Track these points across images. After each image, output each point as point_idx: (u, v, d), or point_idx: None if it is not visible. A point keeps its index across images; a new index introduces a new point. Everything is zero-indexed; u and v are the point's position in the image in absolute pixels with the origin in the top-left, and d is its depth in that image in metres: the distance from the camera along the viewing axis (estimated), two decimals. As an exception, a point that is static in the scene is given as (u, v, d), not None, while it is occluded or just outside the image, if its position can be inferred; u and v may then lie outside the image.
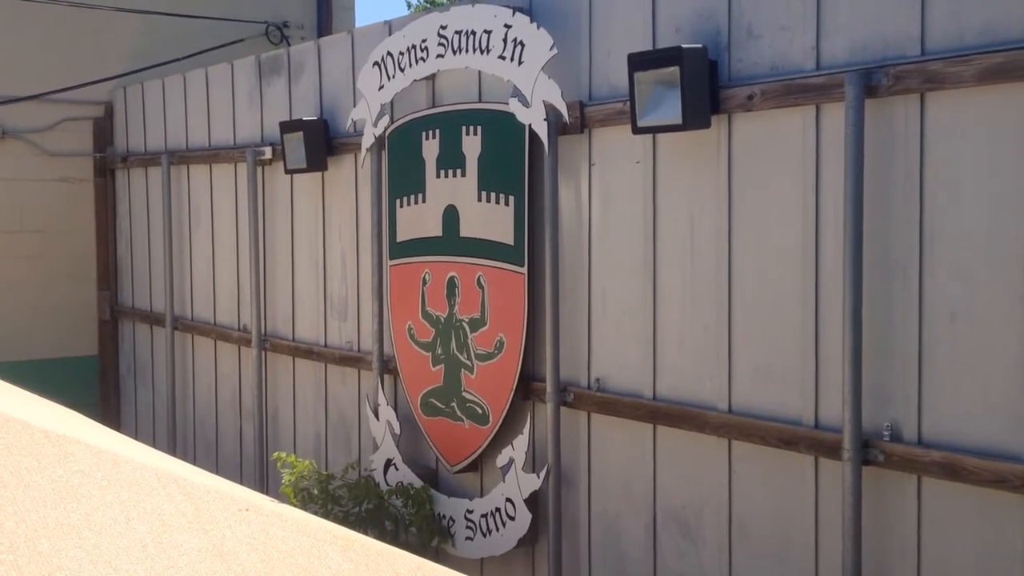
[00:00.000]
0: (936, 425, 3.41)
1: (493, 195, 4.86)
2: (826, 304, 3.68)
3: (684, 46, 3.93)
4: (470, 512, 5.04)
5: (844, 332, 3.55)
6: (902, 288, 3.48)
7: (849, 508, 3.54)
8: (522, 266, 4.73)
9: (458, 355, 5.06)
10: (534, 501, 4.73)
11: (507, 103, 4.69)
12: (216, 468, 6.88)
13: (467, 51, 4.91)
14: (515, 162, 4.73)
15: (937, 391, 3.40)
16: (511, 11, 4.68)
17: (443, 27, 5.04)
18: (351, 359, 5.93)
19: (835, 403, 3.63)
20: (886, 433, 3.52)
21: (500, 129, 4.81)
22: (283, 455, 5.33)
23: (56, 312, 8.53)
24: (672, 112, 3.94)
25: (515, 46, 4.64)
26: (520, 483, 4.74)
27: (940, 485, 3.38)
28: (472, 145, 4.96)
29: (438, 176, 5.15)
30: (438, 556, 5.11)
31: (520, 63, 4.62)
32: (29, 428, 2.24)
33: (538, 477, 4.67)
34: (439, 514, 5.19)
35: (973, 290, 3.31)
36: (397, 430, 5.42)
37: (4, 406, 2.48)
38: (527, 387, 4.79)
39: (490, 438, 4.92)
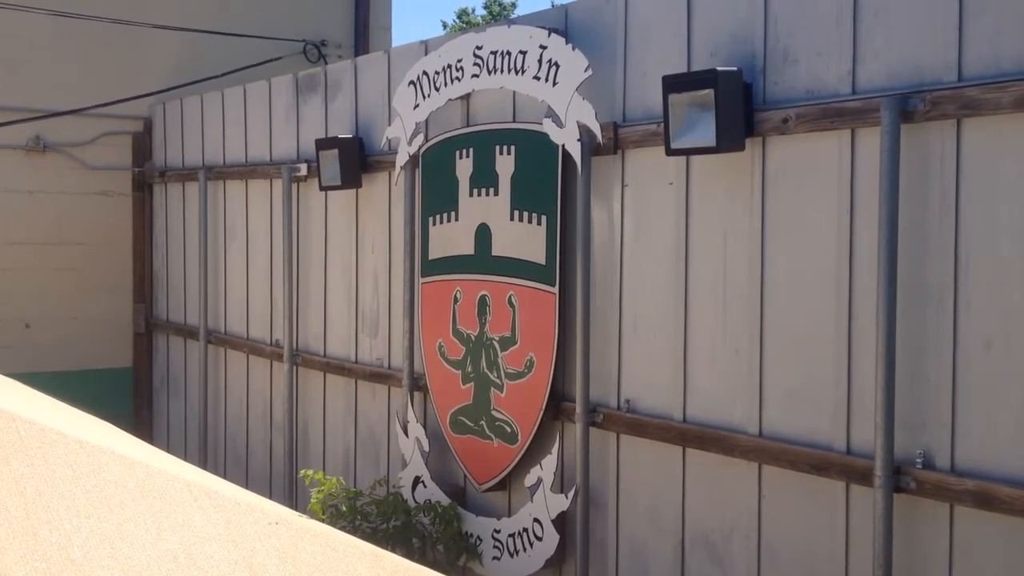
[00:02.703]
0: (969, 453, 3.37)
1: (526, 214, 4.88)
2: (859, 329, 3.66)
3: (719, 69, 3.94)
4: (497, 531, 5.03)
5: (877, 357, 3.52)
6: (936, 314, 3.45)
7: (880, 536, 3.50)
8: (553, 286, 4.73)
9: (488, 373, 5.07)
10: (562, 522, 4.72)
11: (541, 123, 4.71)
12: (246, 482, 6.92)
13: (502, 71, 4.94)
14: (548, 182, 4.75)
15: (971, 419, 3.37)
16: (547, 32, 4.70)
17: (479, 47, 5.07)
18: (381, 375, 5.96)
19: (867, 429, 3.60)
20: (918, 460, 3.48)
21: (534, 149, 4.82)
22: (311, 472, 5.35)
23: (92, 324, 8.63)
24: (706, 134, 3.94)
25: (550, 67, 4.66)
26: (548, 503, 4.73)
27: (972, 514, 3.34)
28: (505, 164, 4.99)
29: (471, 195, 5.17)
30: (465, 575, 5.11)
31: (555, 84, 4.64)
32: (65, 438, 2.27)
33: (566, 498, 4.66)
34: (466, 532, 5.18)
35: (1009, 318, 3.28)
36: (426, 447, 5.43)
37: (41, 416, 2.51)
38: (556, 407, 4.78)
39: (519, 457, 4.92)
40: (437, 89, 5.32)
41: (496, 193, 5.03)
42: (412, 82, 5.47)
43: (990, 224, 3.33)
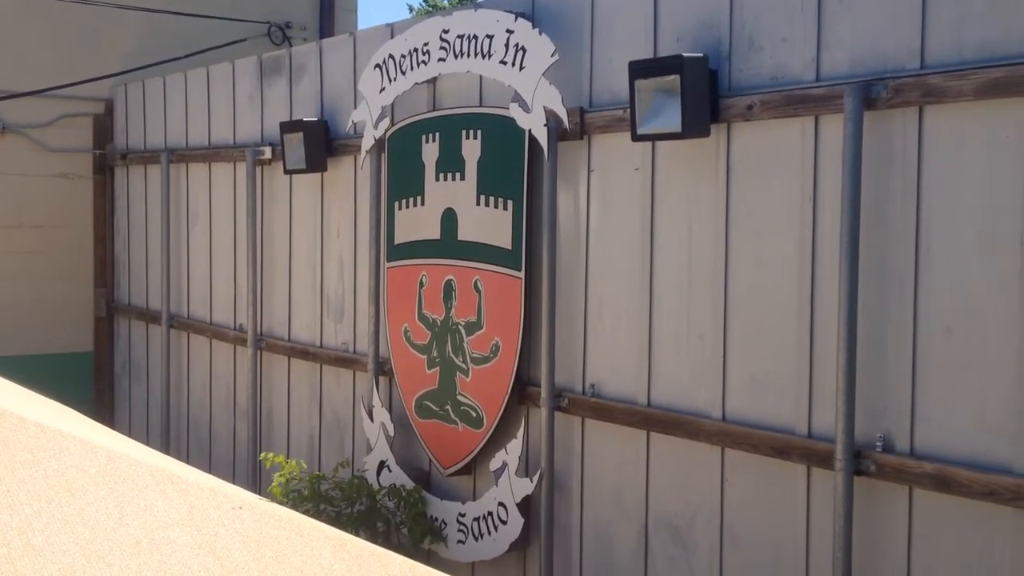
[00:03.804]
0: (928, 437, 3.42)
1: (492, 199, 4.87)
2: (821, 314, 3.70)
3: (685, 55, 3.95)
4: (462, 515, 5.04)
5: (839, 342, 3.56)
6: (898, 300, 3.49)
7: (840, 518, 3.55)
8: (519, 270, 4.74)
9: (454, 358, 5.07)
10: (526, 506, 4.74)
11: (507, 108, 4.70)
12: (209, 467, 6.88)
13: (469, 55, 4.92)
14: (514, 167, 4.75)
15: (930, 403, 3.41)
16: (513, 16, 4.69)
17: (445, 31, 5.05)
18: (346, 360, 5.94)
19: (828, 413, 3.64)
20: (879, 444, 3.53)
21: (500, 134, 4.82)
22: (271, 455, 5.32)
23: (52, 308, 8.53)
24: (672, 120, 3.96)
25: (517, 51, 4.65)
26: (513, 487, 4.75)
27: (931, 496, 3.39)
28: (472, 149, 4.98)
29: (437, 179, 5.16)
30: (429, 559, 5.12)
31: (521, 68, 4.63)
32: (25, 423, 2.24)
33: (531, 481, 4.67)
34: (431, 516, 5.19)
35: (969, 303, 3.33)
36: (391, 432, 5.43)
37: (1, 401, 2.48)
38: (522, 391, 4.79)
39: (484, 442, 4.93)
40: (403, 73, 5.29)
41: (462, 178, 5.02)
42: (378, 65, 5.44)
43: (951, 211, 3.36)
